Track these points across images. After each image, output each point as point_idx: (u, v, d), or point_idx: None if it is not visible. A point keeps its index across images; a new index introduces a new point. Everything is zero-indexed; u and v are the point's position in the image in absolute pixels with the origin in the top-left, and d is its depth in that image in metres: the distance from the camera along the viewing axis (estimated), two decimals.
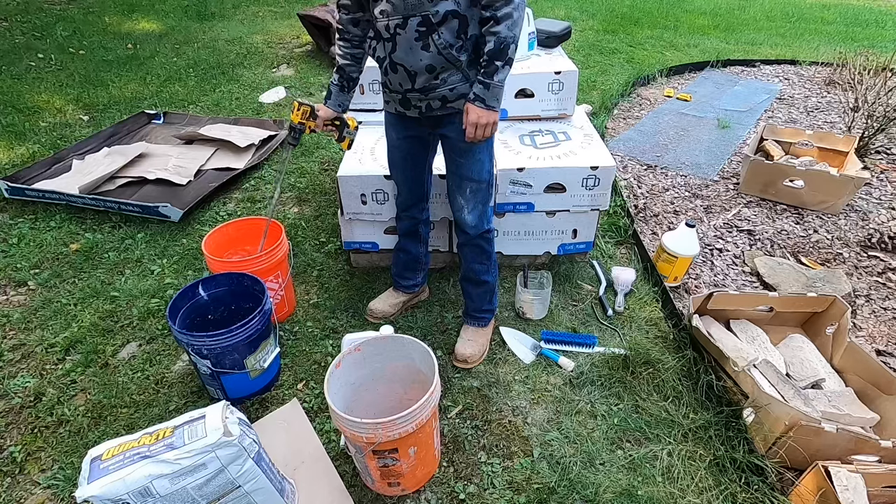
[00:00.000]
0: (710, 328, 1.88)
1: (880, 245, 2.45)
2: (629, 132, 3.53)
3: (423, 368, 1.47)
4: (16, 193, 2.54)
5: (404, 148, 1.70)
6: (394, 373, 1.54)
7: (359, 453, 1.34)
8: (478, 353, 1.83)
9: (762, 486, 1.46)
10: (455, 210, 1.69)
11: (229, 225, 1.96)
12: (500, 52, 1.37)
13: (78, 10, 5.38)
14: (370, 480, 1.45)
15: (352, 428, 1.25)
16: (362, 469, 1.43)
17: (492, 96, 1.41)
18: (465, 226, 1.69)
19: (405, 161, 1.73)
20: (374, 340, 1.48)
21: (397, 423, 1.25)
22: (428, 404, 1.29)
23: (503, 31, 1.35)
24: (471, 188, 1.63)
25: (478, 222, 1.68)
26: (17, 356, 1.83)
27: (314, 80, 4.12)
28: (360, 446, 1.30)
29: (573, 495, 1.47)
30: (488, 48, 1.37)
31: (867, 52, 3.86)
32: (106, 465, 1.07)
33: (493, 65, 1.38)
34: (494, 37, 1.36)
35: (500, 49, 1.37)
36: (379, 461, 1.34)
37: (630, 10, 6.20)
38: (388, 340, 1.49)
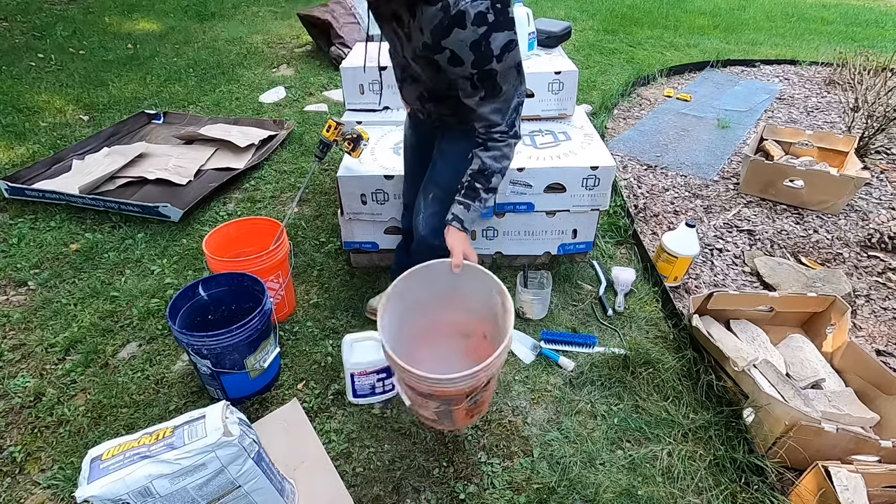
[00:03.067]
0: (710, 328, 1.88)
1: (880, 245, 2.45)
2: (629, 132, 3.53)
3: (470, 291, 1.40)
4: (16, 193, 2.54)
5: (413, 140, 1.71)
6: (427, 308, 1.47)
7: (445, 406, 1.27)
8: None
9: (762, 486, 1.46)
10: (414, 212, 1.60)
11: (230, 225, 1.96)
12: (482, 175, 1.33)
13: (78, 10, 5.37)
14: (448, 423, 1.38)
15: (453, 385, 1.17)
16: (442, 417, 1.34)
17: (469, 220, 1.38)
18: (416, 232, 1.59)
19: (412, 152, 1.74)
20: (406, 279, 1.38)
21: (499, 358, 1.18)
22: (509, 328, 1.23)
23: (488, 161, 1.32)
24: (434, 193, 1.53)
25: (428, 234, 1.54)
26: (17, 356, 1.83)
27: (314, 80, 4.12)
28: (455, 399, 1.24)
29: (573, 495, 1.47)
30: (472, 168, 1.34)
31: (867, 52, 3.86)
32: (106, 465, 1.07)
33: (475, 187, 1.34)
34: (480, 161, 1.33)
35: (482, 173, 1.33)
36: (469, 401, 1.27)
37: (630, 10, 6.20)
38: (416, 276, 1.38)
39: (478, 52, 1.13)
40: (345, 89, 2.32)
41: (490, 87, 1.20)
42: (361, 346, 1.63)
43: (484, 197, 1.36)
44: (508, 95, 1.25)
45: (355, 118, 2.30)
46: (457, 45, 1.13)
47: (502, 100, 1.24)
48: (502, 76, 1.20)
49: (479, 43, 1.12)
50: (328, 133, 1.85)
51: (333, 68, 4.25)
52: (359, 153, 1.95)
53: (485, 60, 1.15)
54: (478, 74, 1.17)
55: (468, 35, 1.11)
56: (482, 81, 1.19)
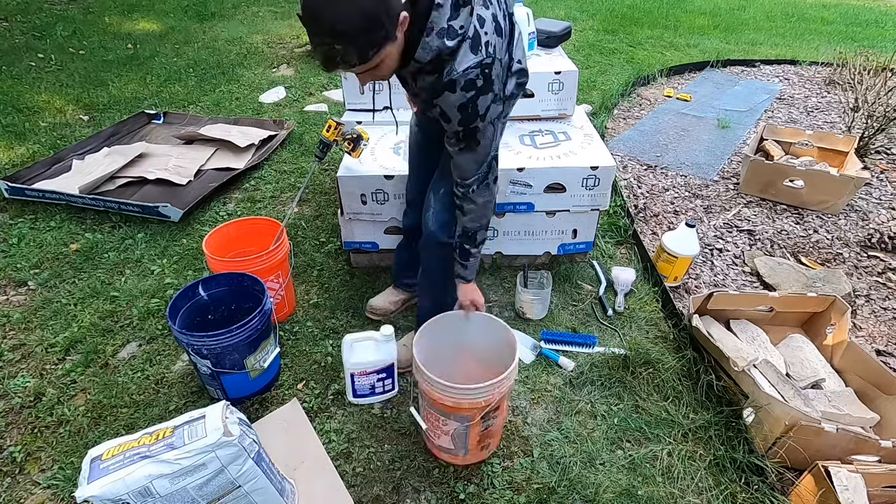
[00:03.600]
0: (710, 328, 1.88)
1: (880, 245, 2.45)
2: (629, 132, 3.53)
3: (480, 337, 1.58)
4: (16, 193, 2.54)
5: (419, 137, 1.72)
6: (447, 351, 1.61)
7: (463, 426, 1.39)
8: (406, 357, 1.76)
9: (762, 486, 1.46)
10: (424, 208, 1.63)
11: (230, 225, 1.96)
12: (468, 238, 1.48)
13: (78, 10, 5.37)
14: (463, 452, 1.49)
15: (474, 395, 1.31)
16: (458, 444, 1.46)
17: (471, 273, 1.55)
18: (425, 228, 1.62)
19: (418, 149, 1.75)
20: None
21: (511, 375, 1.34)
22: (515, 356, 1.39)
23: (468, 224, 1.45)
24: (444, 190, 1.55)
25: (438, 230, 1.58)
26: (17, 356, 1.83)
27: (314, 80, 4.11)
28: (470, 415, 1.36)
29: (573, 495, 1.47)
30: (458, 233, 1.49)
31: (867, 52, 3.86)
32: (106, 465, 1.07)
33: (464, 248, 1.50)
34: (462, 226, 1.47)
35: (467, 236, 1.48)
36: (483, 424, 1.40)
37: (630, 10, 6.20)
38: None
39: (464, 112, 1.23)
40: (345, 89, 2.32)
41: (470, 142, 1.31)
42: (361, 346, 1.63)
43: (475, 252, 1.51)
44: (485, 149, 1.34)
45: (355, 118, 2.30)
46: (447, 105, 1.22)
47: (480, 153, 1.34)
48: (482, 132, 1.29)
49: (467, 106, 1.22)
50: (328, 133, 1.86)
51: None
52: (359, 153, 1.95)
53: (470, 120, 1.25)
54: (463, 131, 1.27)
55: (457, 98, 1.21)
56: (465, 137, 1.29)
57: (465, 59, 1.17)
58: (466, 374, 1.65)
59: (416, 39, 1.15)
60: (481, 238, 1.49)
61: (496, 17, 1.24)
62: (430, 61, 1.18)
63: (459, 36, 1.17)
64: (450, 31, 1.15)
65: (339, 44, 1.03)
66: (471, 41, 1.18)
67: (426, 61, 1.18)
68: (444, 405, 1.36)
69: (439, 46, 1.16)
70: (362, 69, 1.12)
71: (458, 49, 1.17)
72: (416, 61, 1.18)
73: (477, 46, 1.18)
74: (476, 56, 1.18)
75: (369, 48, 1.06)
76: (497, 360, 1.51)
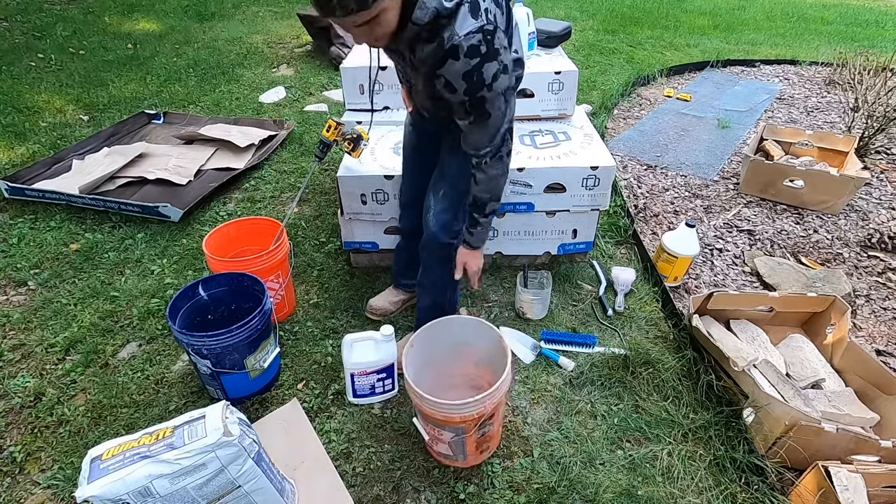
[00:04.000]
0: (710, 328, 1.88)
1: (880, 245, 2.45)
2: (629, 132, 3.53)
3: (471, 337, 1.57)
4: (16, 193, 2.54)
5: (414, 139, 1.71)
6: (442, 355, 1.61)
7: (458, 436, 1.39)
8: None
9: (762, 486, 1.46)
10: (424, 209, 1.63)
11: (230, 225, 1.96)
12: (478, 207, 1.46)
13: (78, 10, 5.37)
14: (462, 458, 1.49)
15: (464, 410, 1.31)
16: (456, 450, 1.46)
17: (477, 240, 1.53)
18: (426, 229, 1.62)
19: (413, 151, 1.73)
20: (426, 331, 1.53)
21: (500, 388, 1.33)
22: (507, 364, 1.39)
23: (479, 194, 1.43)
24: (444, 191, 1.56)
25: (439, 231, 1.57)
26: (17, 356, 1.83)
27: (314, 80, 4.12)
28: (465, 426, 1.36)
29: (573, 495, 1.47)
30: (469, 201, 1.46)
31: (867, 52, 3.86)
32: (106, 465, 1.07)
33: (473, 217, 1.48)
34: (472, 194, 1.44)
35: (477, 206, 1.45)
36: (478, 432, 1.40)
37: (630, 10, 6.20)
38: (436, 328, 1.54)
39: (470, 81, 1.18)
40: (345, 89, 2.32)
41: (479, 113, 1.27)
42: (361, 346, 1.63)
43: (483, 221, 1.49)
44: (496, 120, 1.30)
45: (355, 118, 2.30)
46: (451, 74, 1.18)
47: (490, 124, 1.30)
48: (491, 103, 1.25)
49: (472, 73, 1.17)
50: (328, 133, 1.86)
51: (333, 68, 4.25)
52: (359, 153, 1.95)
53: (476, 88, 1.20)
54: (469, 101, 1.23)
55: (461, 66, 1.16)
56: (473, 107, 1.25)
57: (465, 23, 1.13)
58: (465, 374, 1.66)
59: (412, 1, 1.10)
60: (490, 209, 1.46)
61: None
62: (428, 24, 1.13)
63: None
64: None
65: None
66: (469, 5, 1.14)
67: (424, 23, 1.13)
68: (435, 418, 1.36)
69: (437, 7, 1.11)
70: (359, 18, 1.05)
71: (456, 11, 1.13)
72: (414, 23, 1.13)
73: (476, 11, 1.14)
74: (476, 21, 1.14)
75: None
76: (494, 362, 1.52)
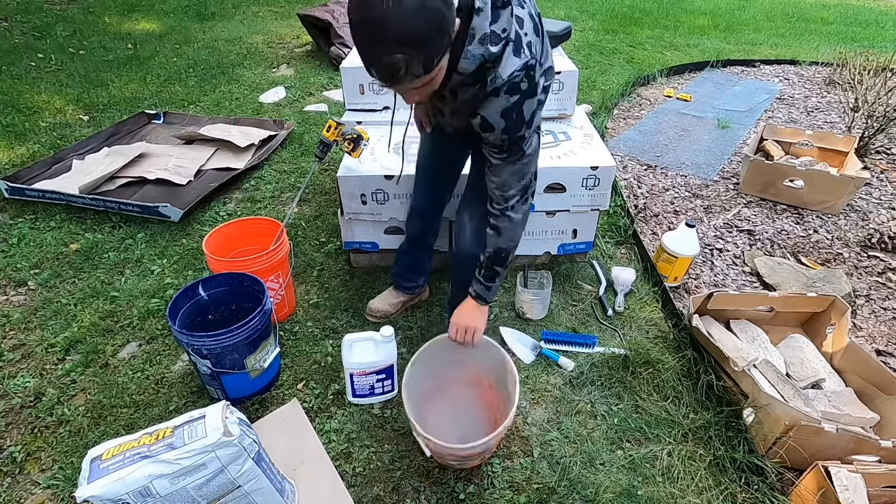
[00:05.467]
0: (710, 328, 1.88)
1: (880, 245, 2.45)
2: (629, 132, 3.53)
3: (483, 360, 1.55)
4: (16, 193, 2.54)
5: (434, 151, 1.65)
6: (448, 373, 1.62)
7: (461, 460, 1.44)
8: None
9: (762, 486, 1.46)
10: (457, 231, 1.58)
11: (230, 225, 1.96)
12: (500, 259, 1.38)
13: (78, 10, 5.37)
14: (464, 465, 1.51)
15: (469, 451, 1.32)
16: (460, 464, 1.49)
17: (492, 294, 1.46)
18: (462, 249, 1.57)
19: (430, 158, 1.70)
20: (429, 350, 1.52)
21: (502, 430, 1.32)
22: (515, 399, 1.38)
23: (503, 244, 1.36)
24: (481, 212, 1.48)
25: (475, 248, 1.49)
26: (17, 356, 1.83)
27: (314, 80, 4.12)
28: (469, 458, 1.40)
29: (573, 495, 1.47)
30: (489, 252, 1.38)
31: (867, 52, 3.86)
32: (106, 465, 1.07)
33: (493, 269, 1.40)
34: (494, 246, 1.37)
35: (500, 258, 1.38)
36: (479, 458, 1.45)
37: (630, 10, 6.20)
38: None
39: (509, 119, 1.15)
40: (345, 89, 2.32)
41: (514, 151, 1.23)
42: (361, 346, 1.63)
43: (503, 273, 1.42)
44: (530, 160, 1.26)
45: (355, 118, 2.30)
46: (489, 112, 1.15)
47: (524, 166, 1.26)
48: (527, 142, 1.22)
49: (511, 111, 1.14)
50: (328, 133, 1.86)
51: (333, 68, 4.25)
52: (359, 153, 1.95)
53: (516, 128, 1.17)
54: (508, 140, 1.19)
55: (501, 103, 1.13)
56: (510, 147, 1.21)
57: (508, 64, 1.11)
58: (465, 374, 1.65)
59: (458, 49, 1.07)
60: (511, 259, 1.41)
61: (532, 16, 1.18)
62: (473, 72, 1.10)
63: (503, 40, 1.09)
64: (493, 36, 1.07)
65: (407, 52, 0.94)
66: (513, 44, 1.10)
67: (470, 72, 1.10)
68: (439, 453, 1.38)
69: (483, 54, 1.08)
70: (421, 82, 1.03)
71: (501, 55, 1.10)
72: (459, 73, 1.10)
73: (519, 49, 1.11)
74: (520, 59, 1.11)
75: (434, 56, 0.98)
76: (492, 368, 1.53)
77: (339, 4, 4.35)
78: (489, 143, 1.24)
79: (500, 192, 1.30)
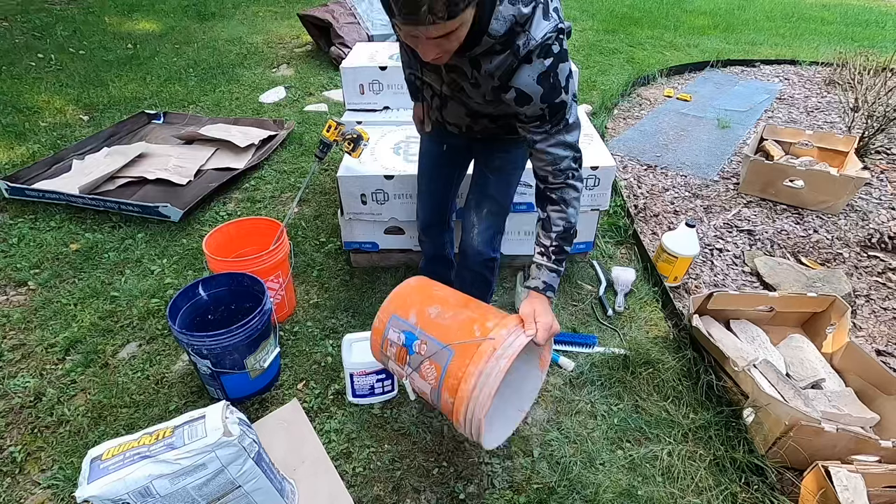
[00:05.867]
0: (710, 328, 1.88)
1: (880, 245, 2.45)
2: (629, 132, 3.53)
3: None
4: (16, 193, 2.54)
5: (437, 153, 1.62)
6: None
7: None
8: None
9: (762, 486, 1.46)
10: (464, 230, 1.58)
11: (230, 225, 1.96)
12: (569, 237, 1.26)
13: (78, 10, 5.37)
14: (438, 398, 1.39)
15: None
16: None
17: (558, 281, 1.28)
18: (469, 248, 1.57)
19: (433, 170, 1.66)
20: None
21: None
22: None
23: (573, 217, 1.25)
24: (489, 209, 1.53)
25: (484, 248, 1.55)
26: (17, 356, 1.83)
27: (314, 80, 4.12)
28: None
29: (573, 495, 1.47)
30: (557, 230, 1.25)
31: (867, 52, 3.86)
32: (106, 465, 1.07)
33: (563, 251, 1.26)
34: (564, 221, 1.24)
35: (569, 235, 1.26)
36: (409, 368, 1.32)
37: (630, 10, 6.20)
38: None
39: (546, 84, 1.10)
40: (345, 89, 2.32)
41: (559, 120, 1.16)
42: (361, 346, 1.63)
43: (569, 252, 1.29)
44: (576, 126, 1.20)
45: (355, 118, 2.30)
46: (524, 81, 1.10)
47: (572, 132, 1.19)
48: (569, 108, 1.16)
49: (548, 75, 1.09)
50: (328, 133, 1.86)
51: (333, 68, 4.25)
52: (359, 153, 1.95)
53: (554, 93, 1.12)
54: (548, 108, 1.13)
55: (536, 68, 1.09)
56: (552, 115, 1.15)
57: (539, 27, 1.06)
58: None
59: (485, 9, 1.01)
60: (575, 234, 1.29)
61: None
62: (504, 35, 1.06)
63: (533, 1, 1.06)
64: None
65: None
66: (542, 7, 1.07)
67: (501, 34, 1.05)
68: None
69: (514, 14, 1.04)
70: (441, 30, 0.96)
71: (532, 16, 1.05)
72: (490, 36, 1.06)
73: (547, 12, 1.08)
74: (549, 21, 1.07)
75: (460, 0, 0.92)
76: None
77: (338, 4, 4.35)
78: (528, 119, 1.17)
79: (552, 169, 1.21)
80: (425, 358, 1.27)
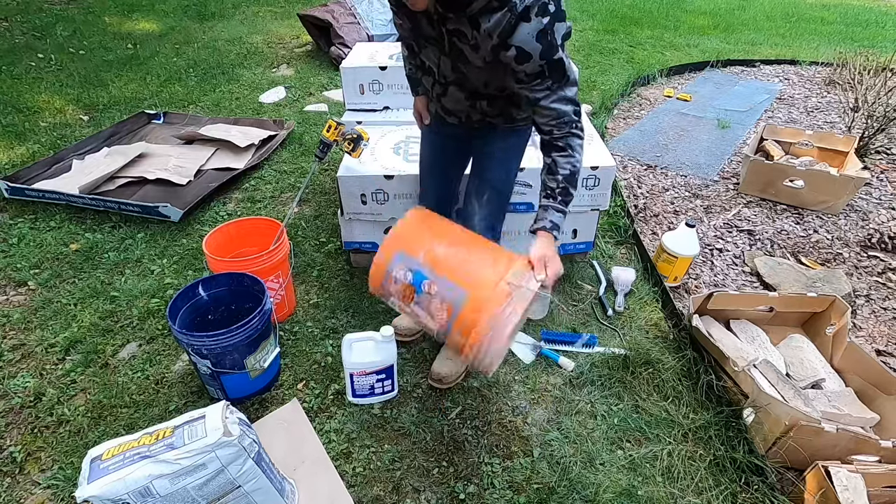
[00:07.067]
0: (710, 328, 1.88)
1: (880, 245, 2.45)
2: (629, 132, 3.53)
3: None
4: (16, 193, 2.54)
5: (438, 145, 1.66)
6: None
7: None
8: (453, 373, 1.72)
9: (762, 486, 1.46)
10: (466, 217, 1.61)
11: (230, 225, 1.96)
12: (574, 179, 1.32)
13: (78, 10, 5.37)
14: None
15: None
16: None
17: (564, 224, 1.35)
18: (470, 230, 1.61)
19: (435, 161, 1.69)
20: None
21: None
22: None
23: (578, 162, 1.31)
24: (488, 195, 1.57)
25: (486, 233, 1.56)
26: (17, 356, 1.83)
27: (314, 80, 4.12)
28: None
29: (573, 495, 1.47)
30: (564, 173, 1.31)
31: (867, 52, 3.86)
32: (106, 465, 1.07)
33: (569, 191, 1.32)
34: (570, 165, 1.31)
35: (574, 178, 1.32)
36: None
37: (630, 10, 6.20)
38: None
39: (544, 41, 1.14)
40: (345, 89, 2.32)
41: (559, 76, 1.21)
42: (361, 346, 1.63)
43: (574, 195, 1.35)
44: (574, 79, 1.25)
45: (355, 118, 2.30)
46: (523, 39, 1.14)
47: (570, 86, 1.24)
48: (567, 65, 1.21)
49: (546, 32, 1.13)
50: (328, 133, 1.86)
51: (333, 68, 4.25)
52: (359, 153, 1.95)
53: (552, 50, 1.16)
54: (547, 64, 1.18)
55: (534, 26, 1.12)
56: (552, 71, 1.19)
57: None
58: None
59: None
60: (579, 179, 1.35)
61: None
62: None
63: None
64: None
65: None
66: None
67: None
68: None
69: None
70: None
71: None
72: None
73: None
74: None
75: None
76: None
77: (338, 4, 4.35)
78: (528, 77, 1.21)
79: (556, 122, 1.27)
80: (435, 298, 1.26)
